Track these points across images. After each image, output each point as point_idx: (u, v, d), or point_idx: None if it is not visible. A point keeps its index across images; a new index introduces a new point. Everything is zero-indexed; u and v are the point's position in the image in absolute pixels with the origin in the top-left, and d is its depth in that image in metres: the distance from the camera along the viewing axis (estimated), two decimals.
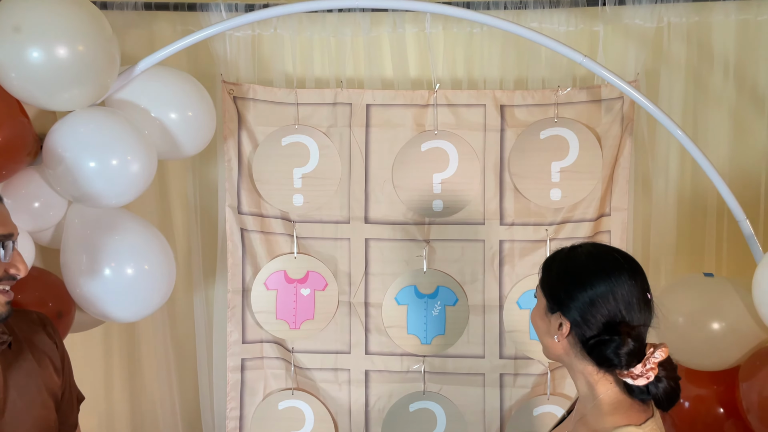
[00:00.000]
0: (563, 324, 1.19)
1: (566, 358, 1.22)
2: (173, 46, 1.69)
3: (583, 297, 1.16)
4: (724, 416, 1.69)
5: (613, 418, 1.13)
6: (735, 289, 1.66)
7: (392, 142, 2.07)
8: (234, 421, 2.13)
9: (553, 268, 1.24)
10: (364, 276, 2.11)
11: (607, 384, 1.17)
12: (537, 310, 1.26)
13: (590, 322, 1.15)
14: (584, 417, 1.19)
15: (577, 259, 1.22)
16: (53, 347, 1.37)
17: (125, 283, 1.65)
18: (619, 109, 2.02)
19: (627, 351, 1.11)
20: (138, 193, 1.62)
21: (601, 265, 1.18)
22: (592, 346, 1.15)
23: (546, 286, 1.24)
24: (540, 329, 1.25)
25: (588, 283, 1.16)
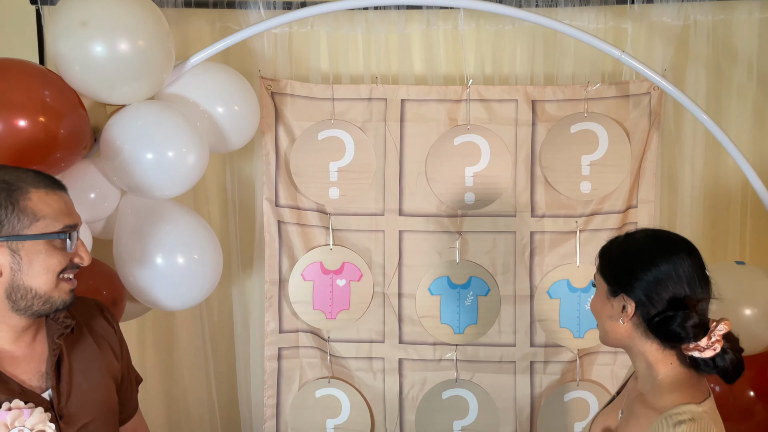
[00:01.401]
0: (627, 305, 1.21)
1: (627, 341, 1.25)
2: (222, 43, 1.75)
3: (647, 276, 1.19)
4: (755, 399, 1.75)
5: (672, 396, 1.17)
6: (767, 276, 1.72)
7: (426, 136, 2.12)
8: (271, 409, 2.18)
9: (613, 254, 1.27)
10: (398, 267, 2.16)
11: (668, 364, 1.21)
12: (597, 297, 1.29)
13: (655, 300, 1.19)
14: (642, 395, 1.23)
15: (636, 243, 1.26)
16: (111, 332, 1.40)
17: (176, 271, 1.70)
18: (647, 104, 2.08)
19: (693, 323, 1.16)
20: (192, 184, 1.67)
21: (661, 245, 1.23)
22: (658, 323, 1.18)
23: (607, 271, 1.27)
24: (602, 315, 1.28)
25: (650, 262, 1.20)
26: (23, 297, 1.16)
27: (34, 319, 1.22)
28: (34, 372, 1.22)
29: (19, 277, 1.15)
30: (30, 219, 1.14)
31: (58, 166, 1.55)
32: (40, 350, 1.24)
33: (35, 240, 1.14)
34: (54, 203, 1.17)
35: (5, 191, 1.13)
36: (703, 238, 2.17)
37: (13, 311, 1.18)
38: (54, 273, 1.17)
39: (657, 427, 1.13)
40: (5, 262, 1.14)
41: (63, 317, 1.26)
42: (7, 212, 1.12)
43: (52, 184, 1.20)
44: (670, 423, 1.11)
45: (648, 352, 1.22)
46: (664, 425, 1.12)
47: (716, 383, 1.82)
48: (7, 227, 1.13)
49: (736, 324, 1.70)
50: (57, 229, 1.17)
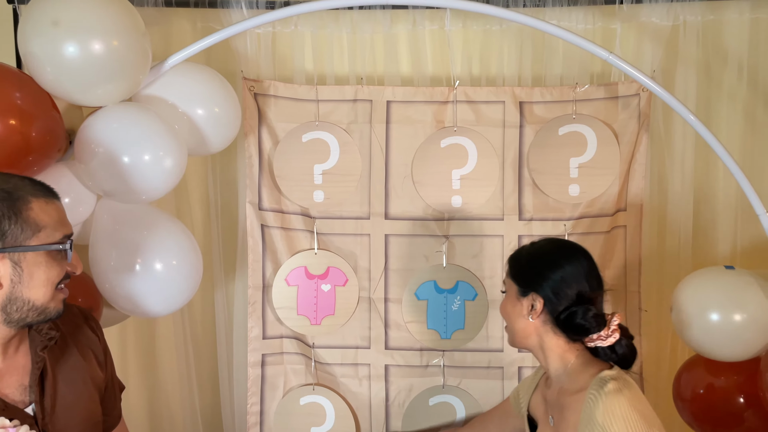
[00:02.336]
0: (536, 302, 1.37)
1: (535, 339, 1.39)
2: (201, 43, 1.70)
3: (554, 275, 1.37)
4: (744, 405, 1.73)
5: (587, 373, 1.32)
6: (756, 281, 1.70)
7: (412, 138, 2.09)
8: (255, 416, 2.14)
9: (522, 258, 1.45)
10: (384, 271, 2.13)
11: (575, 352, 1.37)
12: (507, 300, 1.45)
13: (561, 295, 1.35)
14: (563, 389, 1.36)
15: (543, 248, 1.45)
16: (96, 341, 1.37)
17: (154, 278, 1.66)
18: (636, 105, 2.05)
19: (594, 315, 1.33)
20: (169, 188, 1.62)
21: (564, 248, 1.43)
22: (565, 317, 1.34)
23: (516, 273, 1.44)
24: (512, 315, 1.42)
25: (557, 262, 1.38)
26: (19, 309, 1.13)
27: (18, 330, 1.18)
28: (17, 386, 1.18)
29: (19, 290, 1.12)
30: (32, 230, 1.10)
31: (31, 169, 1.50)
32: (22, 362, 1.20)
33: (37, 251, 1.11)
34: (53, 212, 1.15)
35: (6, 201, 1.09)
36: (692, 240, 2.14)
37: (4, 323, 1.14)
38: (53, 284, 1.15)
39: (589, 398, 1.26)
40: (5, 274, 1.10)
41: (47, 328, 1.23)
42: (10, 223, 1.08)
43: (49, 193, 1.16)
44: (598, 389, 1.25)
45: (557, 346, 1.37)
46: (595, 395, 1.25)
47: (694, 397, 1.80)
48: (9, 238, 1.09)
49: (726, 330, 1.69)
50: (57, 239, 1.14)
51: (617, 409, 1.21)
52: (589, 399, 1.25)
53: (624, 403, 1.22)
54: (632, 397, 1.24)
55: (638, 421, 1.20)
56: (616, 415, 1.21)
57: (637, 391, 1.27)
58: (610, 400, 1.22)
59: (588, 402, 1.25)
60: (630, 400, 1.23)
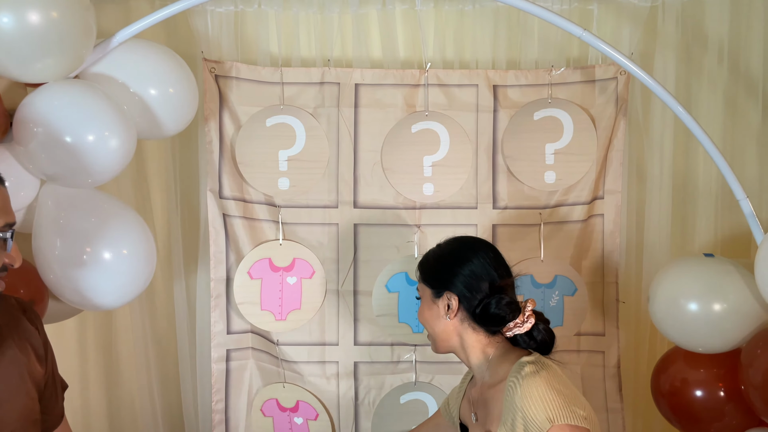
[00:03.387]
0: (451, 301, 1.34)
1: (456, 339, 1.36)
2: (152, 17, 1.60)
3: (464, 270, 1.34)
4: (725, 399, 1.66)
5: (506, 363, 1.30)
6: (737, 270, 1.63)
7: (382, 123, 2.00)
8: (220, 414, 2.04)
9: (430, 260, 1.43)
10: (353, 263, 2.04)
11: (495, 344, 1.34)
12: (423, 305, 1.40)
13: (474, 289, 1.33)
14: (485, 383, 1.34)
15: (447, 246, 1.42)
16: (35, 334, 1.27)
17: (102, 268, 1.55)
18: (614, 89, 1.98)
19: (508, 302, 1.32)
20: (117, 171, 1.52)
21: (468, 243, 1.41)
22: (481, 310, 1.32)
23: (427, 276, 1.41)
24: (430, 320, 1.38)
25: (463, 257, 1.36)
26: None
27: None
28: None
29: None
30: None
31: None
32: None
33: None
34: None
35: None
36: (672, 229, 2.08)
37: None
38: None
39: (509, 386, 1.23)
40: None
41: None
42: None
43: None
44: (516, 374, 1.23)
45: (477, 341, 1.35)
46: (514, 381, 1.22)
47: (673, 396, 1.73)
48: None
49: (705, 320, 1.62)
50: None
51: (534, 390, 1.19)
52: (509, 386, 1.23)
53: (541, 384, 1.20)
54: (549, 377, 1.22)
55: (555, 399, 1.18)
56: (533, 396, 1.19)
57: (556, 372, 1.25)
58: (527, 382, 1.20)
59: (508, 389, 1.23)
60: (547, 380, 1.21)
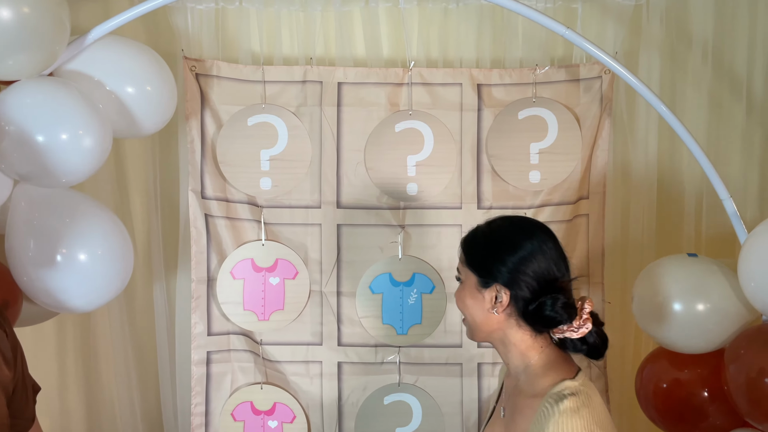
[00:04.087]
0: (501, 294, 1.20)
1: (498, 333, 1.23)
2: (128, 14, 1.57)
3: (519, 260, 1.19)
4: (709, 399, 1.65)
5: (547, 378, 1.17)
6: (720, 270, 1.62)
7: (365, 122, 1.98)
8: (199, 417, 2.01)
9: (478, 243, 1.26)
10: (337, 264, 2.01)
11: (538, 348, 1.21)
12: (465, 291, 1.26)
13: (528, 285, 1.18)
14: (518, 388, 1.23)
15: (500, 229, 1.25)
16: (3, 337, 1.24)
17: (77, 270, 1.52)
18: (598, 88, 1.97)
19: (565, 304, 1.17)
20: (91, 171, 1.49)
21: (526, 227, 1.24)
22: (534, 309, 1.18)
23: (475, 261, 1.25)
24: (472, 307, 1.24)
25: (519, 245, 1.20)
26: None
27: None
28: None
29: None
30: None
31: None
32: None
33: None
34: None
35: None
36: (657, 229, 2.07)
37: None
38: None
39: (543, 410, 1.12)
40: None
41: None
42: None
43: None
44: (553, 402, 1.11)
45: (520, 341, 1.22)
46: (549, 406, 1.11)
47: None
48: None
49: (689, 320, 1.61)
50: None
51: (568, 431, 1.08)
52: (542, 411, 1.12)
53: (578, 427, 1.08)
54: (589, 418, 1.09)
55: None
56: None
57: (597, 411, 1.12)
58: (564, 420, 1.09)
59: (540, 414, 1.12)
60: (586, 422, 1.09)
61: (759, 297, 1.51)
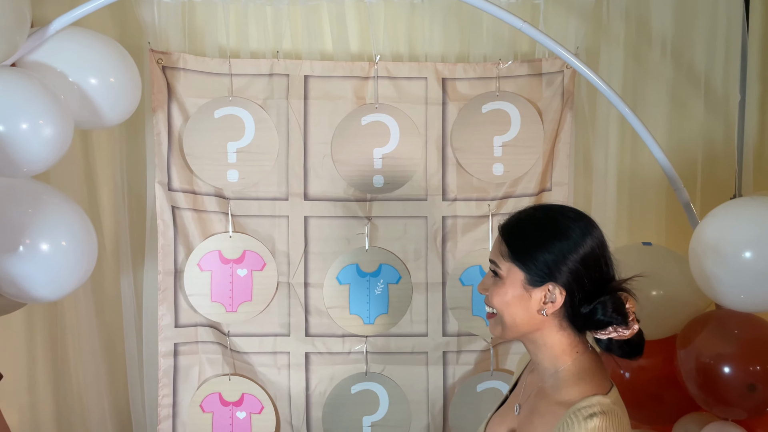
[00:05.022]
0: (555, 294, 1.08)
1: (537, 333, 1.11)
2: (91, 4, 1.58)
3: (575, 256, 1.07)
4: (663, 385, 1.70)
5: (578, 388, 1.07)
6: (673, 258, 1.67)
7: (331, 115, 2.00)
8: (167, 409, 2.02)
9: (527, 234, 1.12)
10: (304, 255, 2.04)
11: (574, 353, 1.11)
12: (507, 287, 1.11)
13: (584, 284, 1.07)
14: (543, 390, 1.13)
15: (556, 223, 1.11)
16: None
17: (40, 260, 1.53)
18: (560, 82, 2.01)
19: (619, 307, 1.07)
20: (52, 161, 1.50)
21: (582, 222, 1.11)
22: (588, 312, 1.07)
23: (523, 255, 1.10)
24: (514, 308, 1.10)
25: (580, 243, 1.08)
26: None
27: None
28: None
29: None
30: None
31: None
32: None
33: None
34: None
35: None
36: (618, 222, 2.12)
37: None
38: None
39: (566, 422, 1.03)
40: None
41: None
42: None
43: None
44: (580, 417, 1.01)
45: (557, 343, 1.11)
46: (575, 420, 1.02)
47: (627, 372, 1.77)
48: None
49: (643, 307, 1.65)
50: None
51: None
52: (566, 422, 1.03)
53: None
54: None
55: None
56: None
57: (622, 429, 1.04)
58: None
59: (563, 424, 1.03)
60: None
61: (708, 285, 1.56)
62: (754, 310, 1.56)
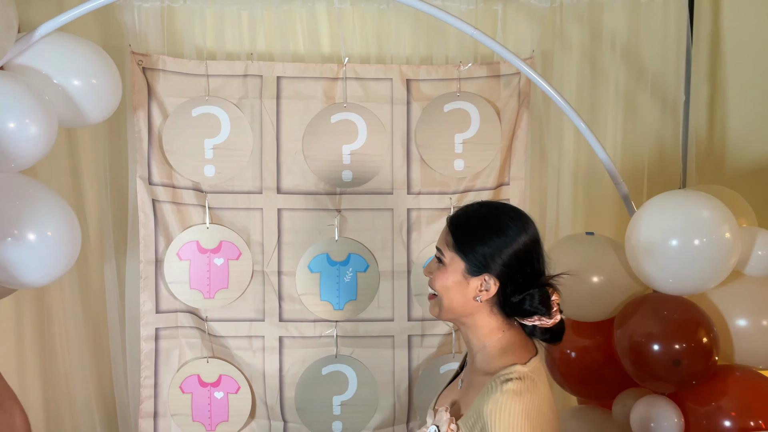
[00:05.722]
0: (490, 284, 1.20)
1: (468, 317, 1.24)
2: (75, 11, 1.70)
3: (510, 251, 1.19)
4: (604, 362, 1.84)
5: (502, 360, 1.21)
6: (612, 246, 1.81)
7: (303, 113, 2.13)
8: (149, 390, 2.15)
9: (470, 227, 1.23)
10: (277, 245, 2.17)
11: (499, 332, 1.24)
12: (448, 274, 1.23)
13: (515, 277, 1.19)
14: (475, 365, 1.27)
15: (496, 219, 1.22)
16: None
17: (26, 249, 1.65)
18: (516, 84, 2.15)
19: (544, 299, 1.20)
20: (38, 157, 1.62)
21: (516, 217, 1.23)
22: (517, 302, 1.20)
23: (464, 246, 1.22)
24: (452, 290, 1.23)
25: (512, 236, 1.20)
26: None
27: None
28: None
29: None
30: None
31: None
32: None
33: None
34: None
35: None
36: (573, 214, 2.26)
37: None
38: None
39: (488, 387, 1.17)
40: None
41: None
42: None
43: None
44: (498, 382, 1.16)
45: (486, 324, 1.24)
46: (495, 385, 1.16)
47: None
48: None
49: (585, 291, 1.80)
50: None
51: (505, 411, 1.12)
52: (487, 387, 1.16)
53: (515, 409, 1.12)
54: (528, 404, 1.13)
55: (522, 428, 1.11)
56: (502, 417, 1.12)
57: (539, 398, 1.16)
58: (504, 399, 1.13)
59: (485, 390, 1.16)
60: (525, 407, 1.13)
61: (642, 270, 1.70)
62: (682, 293, 1.70)
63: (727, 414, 1.64)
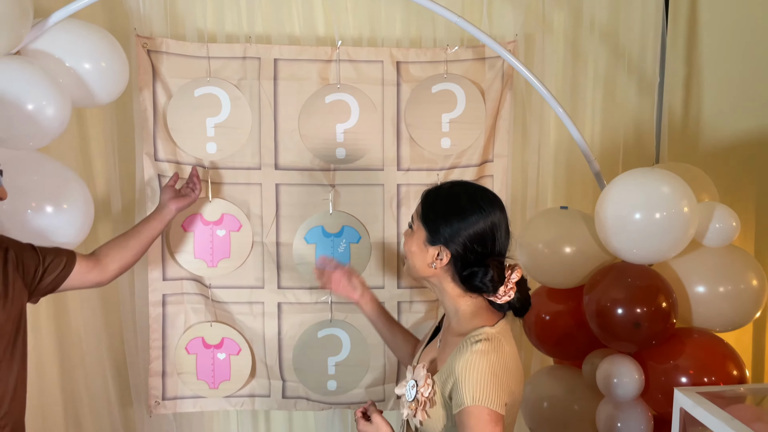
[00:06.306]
0: (443, 255, 1.36)
1: (434, 279, 1.41)
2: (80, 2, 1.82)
3: (469, 231, 1.34)
4: (575, 325, 2.00)
5: (473, 322, 1.38)
6: (584, 219, 1.96)
7: (298, 94, 2.26)
8: (157, 350, 2.32)
9: (437, 204, 1.40)
10: (276, 218, 2.31)
11: (469, 299, 1.40)
12: (414, 240, 1.42)
13: (468, 254, 1.35)
14: (450, 327, 1.44)
15: (458, 197, 1.39)
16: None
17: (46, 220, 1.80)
18: (500, 66, 2.27)
19: (492, 279, 1.34)
20: (54, 135, 1.76)
21: (480, 203, 1.37)
22: (466, 276, 1.35)
23: (428, 219, 1.39)
24: (416, 254, 1.41)
25: (470, 219, 1.35)
26: None
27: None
28: None
29: None
30: None
31: None
32: None
33: None
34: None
35: None
36: (554, 189, 2.40)
37: None
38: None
39: (460, 347, 1.33)
40: None
41: None
42: None
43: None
44: (469, 343, 1.32)
45: (452, 289, 1.41)
46: (465, 345, 1.32)
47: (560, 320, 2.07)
48: None
49: (558, 261, 1.95)
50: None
51: (474, 367, 1.26)
52: (459, 347, 1.30)
53: (483, 365, 1.26)
54: (495, 362, 1.27)
55: (488, 384, 1.24)
56: (471, 372, 1.25)
57: (505, 357, 1.30)
58: (473, 357, 1.26)
59: (457, 349, 1.30)
60: (491, 364, 1.26)
61: (609, 241, 1.85)
62: (645, 261, 1.86)
63: (684, 371, 1.80)
